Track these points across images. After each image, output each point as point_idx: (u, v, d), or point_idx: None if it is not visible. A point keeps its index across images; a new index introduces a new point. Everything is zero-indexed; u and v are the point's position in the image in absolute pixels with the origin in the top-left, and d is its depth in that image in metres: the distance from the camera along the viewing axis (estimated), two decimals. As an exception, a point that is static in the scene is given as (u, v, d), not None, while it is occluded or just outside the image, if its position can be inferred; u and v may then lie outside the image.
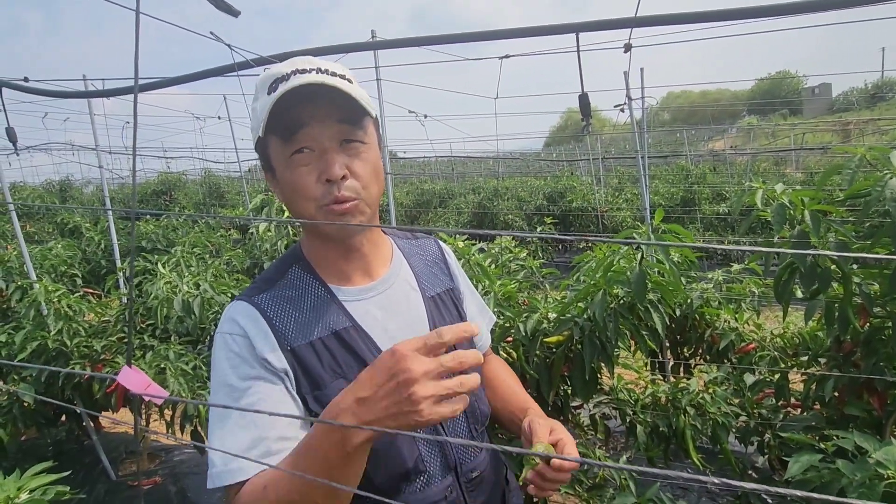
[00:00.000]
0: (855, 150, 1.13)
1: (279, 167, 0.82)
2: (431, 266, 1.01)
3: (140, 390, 0.49)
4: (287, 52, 2.12)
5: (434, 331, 0.62)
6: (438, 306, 0.95)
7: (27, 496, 0.96)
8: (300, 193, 0.80)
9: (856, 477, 1.02)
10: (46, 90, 2.04)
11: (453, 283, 1.02)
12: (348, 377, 0.80)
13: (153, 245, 4.74)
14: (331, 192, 0.79)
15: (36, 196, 8.88)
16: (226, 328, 0.82)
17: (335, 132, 0.80)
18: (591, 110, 1.83)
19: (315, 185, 0.79)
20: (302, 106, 0.77)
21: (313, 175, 0.79)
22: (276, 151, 0.82)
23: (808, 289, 1.26)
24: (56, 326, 2.44)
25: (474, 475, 0.90)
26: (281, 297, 0.85)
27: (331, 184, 0.79)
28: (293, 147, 0.79)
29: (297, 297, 0.85)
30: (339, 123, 0.80)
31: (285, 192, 0.84)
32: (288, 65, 0.80)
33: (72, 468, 3.06)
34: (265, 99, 0.78)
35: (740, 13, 1.47)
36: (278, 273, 0.89)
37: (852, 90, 41.46)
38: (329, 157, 0.79)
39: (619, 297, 1.46)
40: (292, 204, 0.83)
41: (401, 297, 0.92)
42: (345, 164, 0.80)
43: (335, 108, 0.79)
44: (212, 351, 0.84)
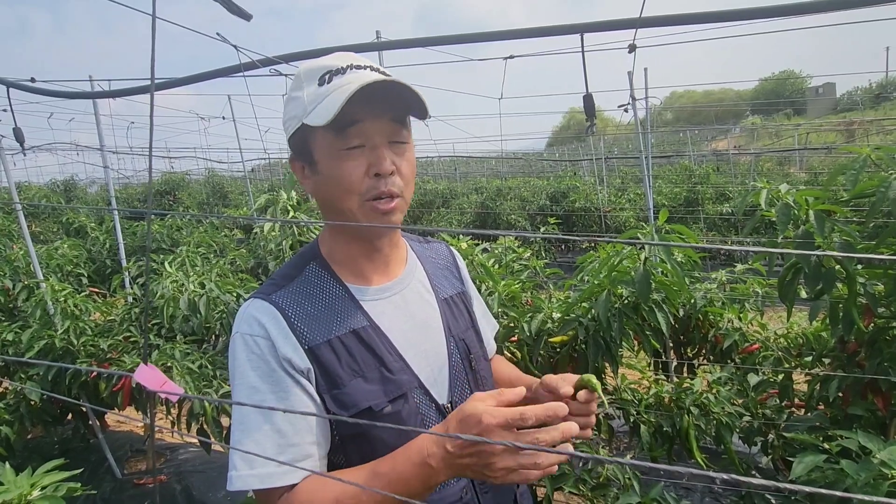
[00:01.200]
0: (860, 151, 1.13)
1: (324, 159, 0.82)
2: (443, 269, 1.03)
3: (156, 388, 0.50)
4: (293, 53, 2.14)
5: (520, 411, 0.66)
6: (451, 308, 0.97)
7: (40, 493, 0.97)
8: (345, 186, 0.81)
9: (860, 477, 1.03)
10: (53, 91, 2.05)
11: (464, 286, 1.04)
12: (366, 376, 0.81)
13: (158, 245, 4.76)
14: (377, 186, 0.80)
15: (41, 196, 8.93)
16: (246, 328, 0.81)
17: (387, 130, 0.81)
18: (595, 111, 1.83)
19: (362, 179, 0.80)
20: (361, 103, 0.77)
21: (361, 168, 0.80)
22: (325, 143, 0.81)
23: (813, 289, 1.26)
24: (62, 325, 2.45)
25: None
26: (299, 295, 0.84)
27: (378, 178, 0.80)
28: (347, 142, 0.79)
29: (315, 294, 0.85)
30: (391, 122, 0.81)
31: (327, 184, 0.83)
32: (338, 59, 0.81)
33: (78, 466, 3.07)
34: (315, 90, 0.79)
35: (744, 14, 1.47)
36: (296, 270, 0.88)
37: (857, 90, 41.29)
38: (381, 153, 0.80)
39: (623, 297, 1.47)
40: (332, 196, 0.83)
41: (416, 298, 0.93)
42: (392, 160, 0.81)
43: (389, 106, 0.80)
44: (230, 351, 0.83)
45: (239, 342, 0.81)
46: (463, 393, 0.91)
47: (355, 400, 0.79)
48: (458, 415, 0.69)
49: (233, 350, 0.82)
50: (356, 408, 0.79)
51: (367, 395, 0.80)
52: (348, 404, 0.79)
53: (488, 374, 1.00)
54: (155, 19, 0.46)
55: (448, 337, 0.92)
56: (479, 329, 1.02)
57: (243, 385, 0.78)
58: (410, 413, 0.83)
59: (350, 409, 0.79)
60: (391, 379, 0.82)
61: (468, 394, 0.92)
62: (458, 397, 0.90)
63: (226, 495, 2.81)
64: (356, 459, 0.80)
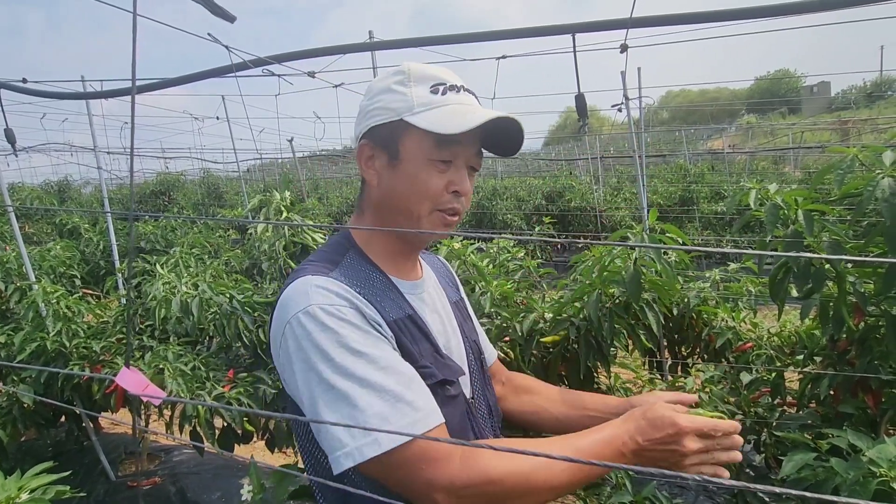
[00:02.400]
0: (848, 151, 1.14)
1: (413, 160, 0.84)
2: (444, 278, 1.08)
3: (138, 391, 0.50)
4: (285, 54, 2.13)
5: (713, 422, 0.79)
6: (459, 312, 1.02)
7: (28, 496, 0.97)
8: (424, 192, 0.84)
9: (849, 475, 1.03)
10: (44, 91, 2.04)
11: (460, 294, 1.10)
12: (427, 359, 0.83)
13: (152, 246, 4.74)
14: (451, 202, 0.86)
15: (34, 197, 8.87)
16: (322, 300, 0.76)
17: (471, 157, 0.88)
18: (587, 110, 1.84)
19: (441, 192, 0.85)
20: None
21: (443, 182, 0.85)
22: (419, 147, 0.84)
23: (803, 288, 1.27)
24: (55, 327, 2.44)
25: None
26: (353, 277, 0.84)
27: (456, 196, 0.86)
28: (443, 156, 0.84)
29: (365, 279, 0.86)
30: (476, 152, 0.88)
31: (404, 183, 0.85)
32: (447, 74, 0.87)
33: (71, 469, 3.05)
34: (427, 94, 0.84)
35: (735, 14, 1.48)
36: (338, 255, 0.88)
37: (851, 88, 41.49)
38: (462, 174, 0.86)
39: (614, 296, 1.47)
40: (405, 195, 0.86)
41: (435, 298, 0.97)
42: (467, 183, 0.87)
43: (480, 137, 0.87)
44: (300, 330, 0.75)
45: (320, 314, 0.75)
46: (477, 390, 0.95)
47: (433, 371, 0.81)
48: (647, 414, 0.78)
49: (309, 324, 0.74)
50: (434, 378, 0.81)
51: (441, 370, 0.83)
52: (427, 374, 0.80)
53: (489, 377, 1.05)
54: (136, 17, 0.46)
55: (463, 337, 0.97)
56: (481, 333, 1.08)
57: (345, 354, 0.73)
58: (462, 398, 0.87)
59: (429, 378, 0.80)
60: (445, 364, 0.86)
61: (480, 391, 0.96)
62: (475, 394, 0.94)
63: (220, 497, 2.80)
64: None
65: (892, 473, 0.97)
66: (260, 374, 2.22)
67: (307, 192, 9.95)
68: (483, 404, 0.95)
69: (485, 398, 0.96)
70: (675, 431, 0.76)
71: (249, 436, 2.21)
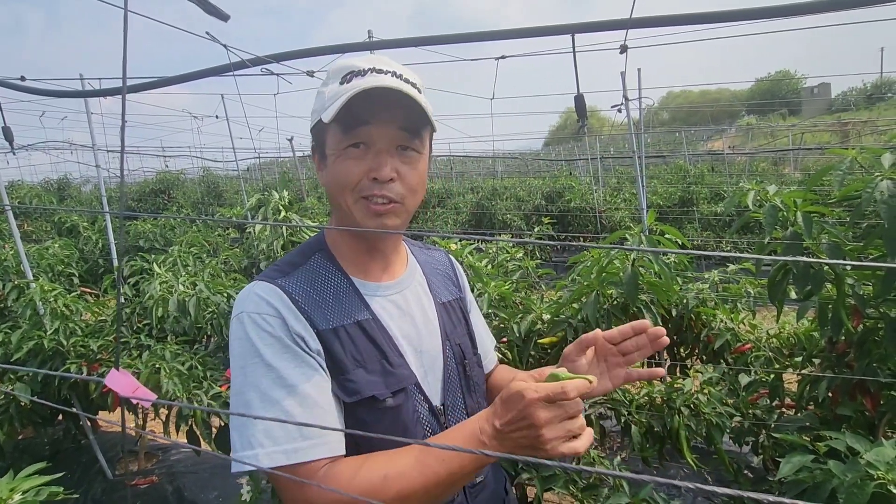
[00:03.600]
0: (846, 153, 1.14)
1: (332, 154, 0.84)
2: (442, 276, 1.04)
3: (128, 393, 0.49)
4: (284, 52, 2.13)
5: (560, 385, 0.70)
6: (448, 313, 0.98)
7: (20, 497, 0.96)
8: (343, 183, 0.82)
9: (846, 477, 1.03)
10: (40, 89, 2.03)
11: (461, 293, 1.06)
12: (368, 367, 0.81)
13: (150, 244, 4.74)
14: (373, 189, 0.82)
15: (34, 195, 8.86)
16: (252, 307, 0.79)
17: (394, 136, 0.82)
18: (586, 111, 1.83)
19: (359, 179, 0.82)
20: (370, 104, 0.79)
21: (362, 169, 0.82)
22: (333, 139, 0.83)
23: (802, 290, 1.26)
24: (52, 326, 2.43)
25: (478, 480, 0.92)
26: (304, 282, 0.84)
27: (376, 182, 0.81)
28: (350, 140, 0.81)
29: (320, 284, 0.85)
30: (399, 130, 0.82)
31: (329, 178, 0.85)
32: (365, 61, 0.83)
33: (69, 467, 3.06)
34: (336, 87, 0.81)
35: (735, 15, 1.47)
36: (301, 258, 0.89)
37: (851, 90, 41.51)
38: (382, 158, 0.81)
39: (612, 297, 1.47)
40: (333, 192, 0.85)
41: (415, 300, 0.94)
42: (395, 167, 0.82)
43: (400, 113, 0.81)
44: (233, 333, 0.80)
45: (246, 321, 0.78)
46: (455, 397, 0.92)
47: (359, 387, 0.80)
48: (502, 395, 0.72)
49: (237, 331, 0.79)
50: (359, 395, 0.79)
51: (371, 385, 0.81)
52: (352, 391, 0.79)
53: (481, 380, 1.01)
54: (127, 13, 0.45)
55: (444, 340, 0.93)
56: (474, 336, 1.03)
57: (257, 364, 0.76)
58: (409, 409, 0.84)
59: (353, 395, 0.79)
60: (392, 372, 0.83)
61: (460, 398, 0.93)
62: (450, 401, 0.91)
63: (217, 496, 2.80)
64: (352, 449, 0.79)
65: (889, 476, 0.97)
66: (257, 374, 2.21)
67: (307, 192, 9.94)
68: (460, 411, 0.92)
69: (463, 404, 0.93)
70: (523, 405, 0.69)
71: (247, 435, 2.21)
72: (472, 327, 1.03)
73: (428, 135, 0.88)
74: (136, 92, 1.97)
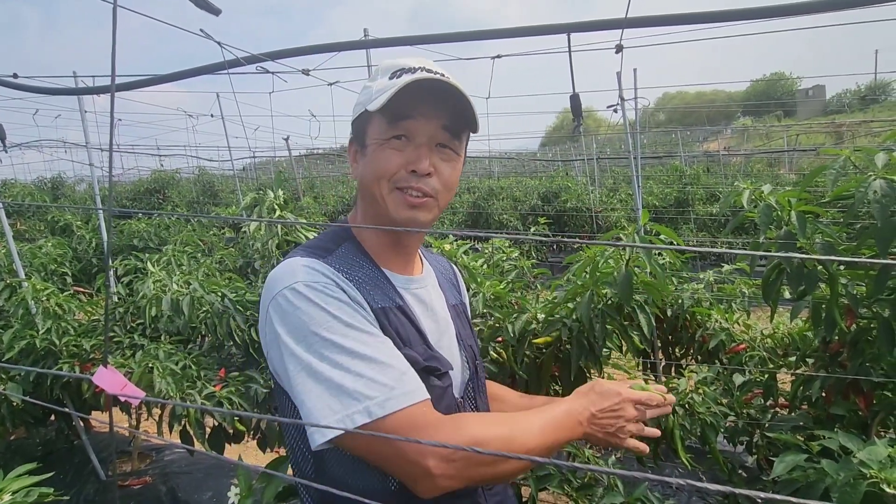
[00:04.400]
0: (840, 152, 1.14)
1: (372, 143, 0.85)
2: (447, 281, 1.07)
3: (116, 391, 0.49)
4: (280, 51, 2.11)
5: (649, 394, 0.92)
6: (458, 315, 1.01)
7: (9, 498, 0.95)
8: (380, 171, 0.84)
9: (839, 477, 1.03)
10: (31, 86, 2.02)
11: (462, 298, 1.09)
12: (414, 349, 0.82)
13: (145, 243, 4.70)
14: (409, 180, 0.83)
15: (27, 193, 8.80)
16: (307, 277, 0.77)
17: (435, 133, 0.84)
18: (582, 110, 1.83)
19: (397, 170, 0.83)
20: (418, 100, 0.81)
21: (401, 161, 0.83)
22: (376, 130, 0.85)
23: (795, 290, 1.27)
24: (45, 325, 2.41)
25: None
26: (342, 265, 0.84)
27: (413, 175, 0.83)
28: (393, 131, 0.83)
29: (357, 268, 0.86)
30: (441, 129, 0.84)
31: (367, 167, 0.86)
32: (416, 61, 0.85)
33: (61, 468, 3.04)
34: (385, 82, 0.82)
35: (730, 15, 1.47)
36: (333, 244, 0.89)
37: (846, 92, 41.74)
38: (422, 151, 0.83)
39: (606, 297, 1.47)
40: (368, 181, 0.86)
41: (432, 298, 0.95)
42: (434, 163, 0.84)
43: (444, 112, 0.83)
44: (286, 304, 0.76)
45: (304, 290, 0.76)
46: (468, 394, 0.94)
47: (416, 358, 0.81)
48: (596, 388, 0.89)
49: (294, 301, 0.75)
50: (418, 364, 0.80)
51: (422, 361, 0.82)
52: (411, 359, 0.80)
53: (485, 384, 1.04)
54: (116, 8, 0.45)
55: (459, 340, 0.96)
56: (478, 340, 1.09)
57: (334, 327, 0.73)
58: (449, 393, 0.87)
59: (414, 365, 0.79)
60: (434, 356, 0.85)
61: (472, 395, 0.96)
62: (466, 398, 0.93)
63: (212, 497, 2.78)
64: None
65: (882, 475, 0.97)
66: (252, 374, 2.20)
67: (303, 191, 9.91)
68: (472, 408, 0.94)
69: (475, 403, 0.96)
70: (620, 400, 0.88)
71: (241, 435, 2.19)
72: (474, 330, 1.07)
73: (466, 139, 0.91)
74: (129, 90, 1.96)
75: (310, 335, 0.73)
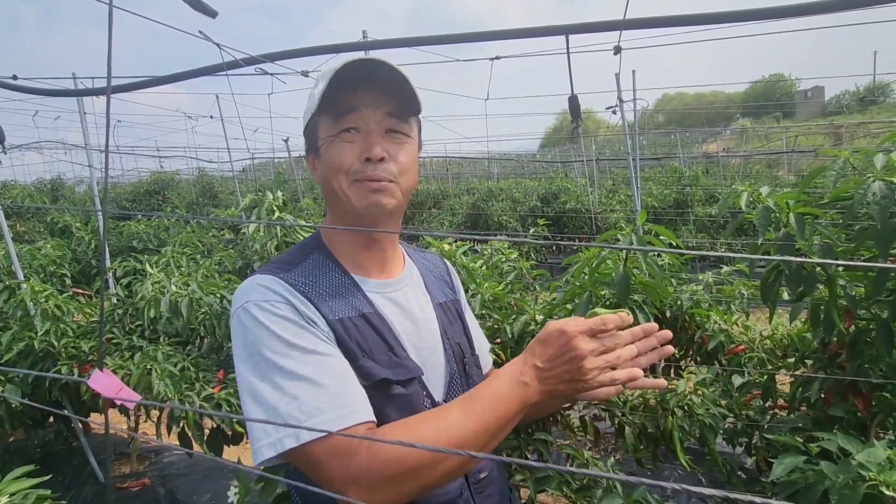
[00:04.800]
0: (839, 153, 1.14)
1: (324, 144, 0.86)
2: (437, 278, 1.06)
3: (111, 394, 0.49)
4: (278, 52, 2.12)
5: (599, 317, 0.76)
6: (446, 313, 0.99)
7: (7, 500, 0.95)
8: (337, 167, 0.84)
9: (839, 479, 1.03)
10: (31, 88, 2.02)
11: (456, 295, 1.07)
12: (376, 358, 0.81)
13: (144, 245, 4.70)
14: (365, 169, 0.83)
15: (26, 195, 8.80)
16: (258, 296, 0.79)
17: (383, 121, 0.85)
18: (580, 112, 1.83)
19: (353, 161, 0.83)
20: (356, 89, 0.82)
21: (354, 152, 0.84)
22: (325, 130, 0.86)
23: (794, 291, 1.27)
24: (43, 327, 2.41)
25: (482, 476, 0.93)
26: (306, 277, 0.85)
27: (369, 163, 0.83)
28: (341, 126, 0.83)
29: (321, 279, 0.86)
30: (386, 116, 0.84)
31: (325, 169, 0.86)
32: (352, 56, 0.84)
33: (60, 470, 3.04)
34: (324, 83, 0.82)
35: (728, 16, 1.47)
36: (301, 256, 0.89)
37: (845, 93, 41.81)
38: (373, 139, 0.83)
39: (605, 298, 1.46)
40: (328, 179, 0.86)
41: (413, 299, 0.94)
42: (386, 148, 0.84)
43: (386, 97, 0.84)
44: (239, 324, 0.78)
45: (254, 309, 0.77)
46: (456, 395, 0.93)
47: (371, 370, 0.80)
48: (539, 337, 0.77)
49: (245, 320, 0.77)
50: (372, 378, 0.79)
51: (381, 371, 0.81)
52: (365, 374, 0.79)
53: (480, 380, 1.02)
54: (112, 8, 0.45)
55: (444, 339, 0.94)
56: (471, 336, 1.04)
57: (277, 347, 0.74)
58: (418, 399, 0.84)
59: (367, 378, 0.79)
60: (399, 363, 0.84)
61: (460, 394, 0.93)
62: (451, 398, 0.91)
63: (210, 498, 2.78)
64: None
65: (881, 477, 0.97)
66: (250, 375, 2.20)
67: (302, 192, 9.92)
68: None
69: None
70: (565, 340, 0.74)
71: (239, 437, 2.19)
72: (468, 328, 1.04)
73: (415, 123, 0.90)
74: (127, 91, 1.96)
75: (255, 355, 0.75)
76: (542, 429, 1.76)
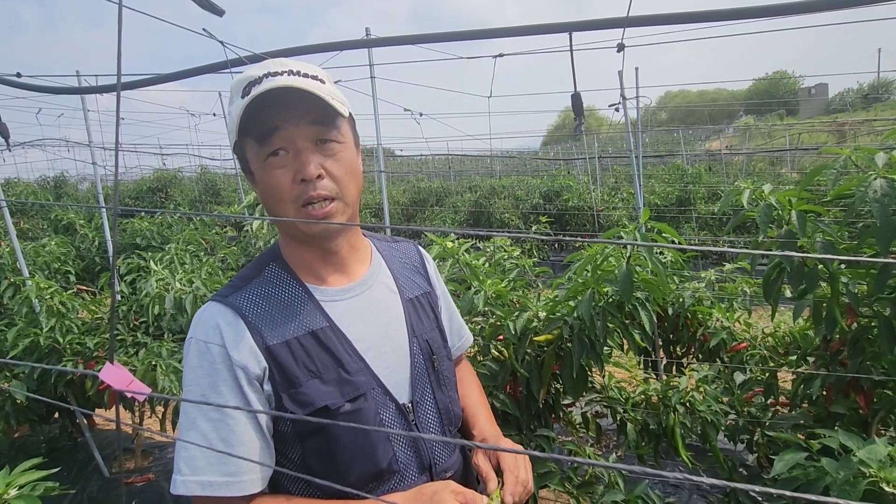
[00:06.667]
0: (841, 152, 1.14)
1: (257, 170, 0.83)
2: (410, 270, 1.02)
3: (122, 387, 0.50)
4: (282, 50, 2.12)
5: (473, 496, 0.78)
6: (416, 308, 0.97)
7: (16, 492, 0.96)
8: (277, 195, 0.81)
9: (839, 475, 1.03)
10: (36, 86, 2.03)
11: (431, 287, 1.04)
12: (323, 377, 0.81)
13: (148, 242, 4.72)
14: (306, 191, 0.80)
15: (30, 192, 8.83)
16: (200, 334, 0.81)
17: (309, 133, 0.80)
18: (583, 109, 1.83)
19: (291, 186, 0.80)
20: (274, 109, 0.77)
21: (289, 176, 0.80)
22: (253, 154, 0.82)
23: (796, 288, 1.27)
24: (48, 323, 2.43)
25: (448, 475, 0.92)
26: (257, 295, 0.84)
27: (306, 183, 0.80)
28: (268, 149, 0.79)
29: (274, 295, 0.85)
30: (312, 125, 0.80)
31: (264, 196, 0.84)
32: (260, 67, 0.80)
33: (65, 465, 3.06)
34: (238, 103, 0.78)
35: (731, 14, 1.47)
36: (256, 270, 0.88)
37: (848, 91, 41.63)
38: (304, 157, 0.79)
39: (607, 295, 1.47)
40: (271, 206, 0.84)
41: (379, 298, 0.92)
42: (320, 163, 0.80)
43: (307, 109, 0.79)
44: (185, 353, 0.83)
45: (192, 348, 0.81)
46: (424, 393, 0.92)
47: (311, 399, 0.79)
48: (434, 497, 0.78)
49: (186, 354, 0.82)
50: (312, 406, 0.79)
51: (324, 395, 0.80)
52: (305, 403, 0.79)
53: (451, 374, 1.01)
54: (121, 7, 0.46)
55: (412, 337, 0.93)
56: (444, 330, 1.02)
57: (193, 393, 0.79)
58: (369, 413, 0.83)
59: (306, 407, 0.79)
60: (348, 380, 0.82)
61: (430, 394, 0.93)
62: (419, 397, 0.91)
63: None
64: (313, 457, 0.81)
65: (881, 474, 0.97)
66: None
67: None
68: (429, 406, 0.93)
69: (433, 399, 0.93)
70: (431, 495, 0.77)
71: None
72: (441, 322, 1.02)
73: (346, 123, 0.85)
74: (132, 88, 1.97)
75: (185, 388, 0.81)
76: (544, 425, 1.77)
